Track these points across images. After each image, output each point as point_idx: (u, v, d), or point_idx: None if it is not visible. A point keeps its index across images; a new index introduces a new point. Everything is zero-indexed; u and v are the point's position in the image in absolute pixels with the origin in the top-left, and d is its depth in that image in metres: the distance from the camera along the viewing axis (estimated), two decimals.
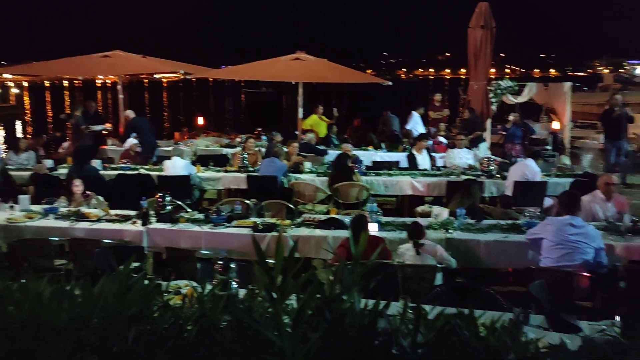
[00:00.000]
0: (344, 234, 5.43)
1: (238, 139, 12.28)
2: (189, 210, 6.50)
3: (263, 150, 9.88)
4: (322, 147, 11.01)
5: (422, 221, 5.79)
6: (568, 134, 13.20)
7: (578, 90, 26.18)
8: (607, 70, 43.14)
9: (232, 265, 3.29)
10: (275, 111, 40.19)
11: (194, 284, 3.77)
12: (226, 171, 8.91)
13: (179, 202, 6.57)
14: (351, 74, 11.38)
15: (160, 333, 1.24)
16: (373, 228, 5.49)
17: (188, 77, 14.83)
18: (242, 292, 2.89)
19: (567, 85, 12.82)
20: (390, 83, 11.67)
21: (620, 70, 38.67)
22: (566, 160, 12.02)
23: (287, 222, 5.93)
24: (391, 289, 4.42)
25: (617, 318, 3.99)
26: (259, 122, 18.05)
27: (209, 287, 1.57)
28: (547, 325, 3.35)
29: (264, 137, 12.24)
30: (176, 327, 1.30)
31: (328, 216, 6.15)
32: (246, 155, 9.01)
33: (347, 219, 5.75)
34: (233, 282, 3.29)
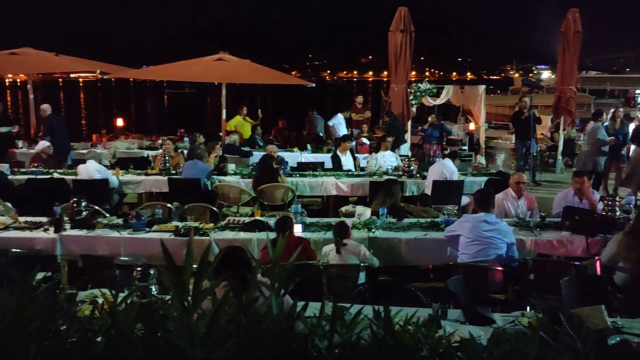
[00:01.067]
0: (270, 236, 5.40)
1: (160, 141, 11.94)
2: (107, 215, 6.24)
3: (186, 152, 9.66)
4: (246, 149, 10.92)
5: (347, 221, 5.89)
6: (483, 135, 13.83)
7: (492, 92, 27.55)
8: (518, 75, 45.58)
9: (152, 272, 3.19)
10: (198, 112, 39.42)
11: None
12: (147, 174, 8.63)
13: (96, 207, 6.29)
14: (275, 76, 11.36)
15: (65, 348, 1.17)
16: (298, 229, 5.51)
17: (106, 77, 14.21)
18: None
19: (482, 88, 13.42)
20: (313, 85, 11.77)
21: (529, 74, 40.99)
22: (482, 159, 12.62)
23: (211, 225, 5.82)
24: (315, 290, 4.45)
25: (528, 309, 4.25)
26: (182, 123, 17.64)
27: (123, 295, 1.51)
28: (464, 318, 3.49)
29: (186, 139, 11.98)
30: (84, 340, 1.23)
31: (252, 218, 6.10)
32: (168, 158, 8.77)
33: (272, 221, 5.73)
34: (153, 289, 3.19)
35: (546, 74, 29.69)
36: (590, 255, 5.35)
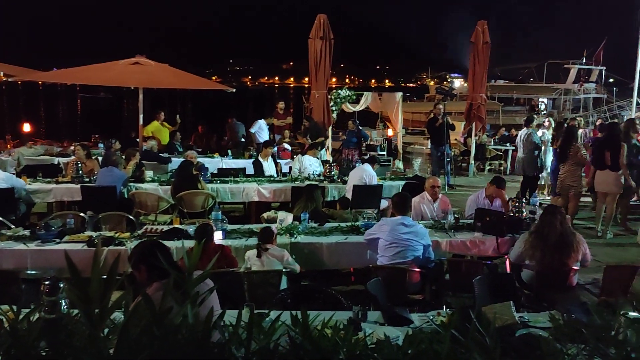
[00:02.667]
0: (189, 244, 5.28)
1: (72, 147, 11.37)
2: (12, 226, 5.85)
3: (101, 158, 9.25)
4: (164, 155, 10.63)
5: (271, 227, 5.86)
6: (400, 140, 14.27)
7: (408, 100, 28.53)
8: (433, 83, 47.45)
9: (62, 285, 3.02)
10: (114, 117, 37.90)
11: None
12: (58, 182, 8.18)
13: (0, 218, 5.89)
14: (194, 80, 11.14)
15: None
16: (218, 236, 5.42)
17: (11, 79, 13.34)
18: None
19: (398, 95, 13.86)
20: (234, 90, 11.65)
21: (444, 82, 42.80)
22: (399, 164, 13.03)
23: (127, 234, 5.61)
24: (237, 297, 4.39)
25: (444, 308, 4.41)
26: (97, 128, 16.91)
27: (27, 311, 1.42)
28: (383, 320, 3.57)
29: (101, 145, 11.49)
30: None
31: (171, 226, 5.94)
32: (81, 165, 8.35)
33: (191, 229, 5.60)
34: (64, 304, 3.02)
35: (458, 83, 31.11)
36: (501, 254, 5.65)
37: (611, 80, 37.21)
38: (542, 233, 4.77)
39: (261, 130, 12.92)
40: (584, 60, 31.22)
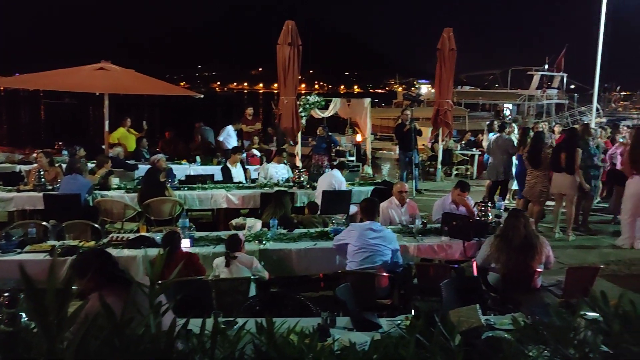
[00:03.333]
0: (155, 252, 5.20)
1: (34, 155, 11.08)
2: None
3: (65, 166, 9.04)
4: (131, 162, 10.46)
5: (239, 234, 5.82)
6: (369, 146, 14.38)
7: (377, 105, 28.80)
8: (401, 89, 47.99)
9: (22, 297, 2.94)
10: (79, 124, 37.13)
11: None
12: (19, 190, 7.96)
13: None
14: (161, 86, 11.01)
15: None
16: (186, 244, 5.36)
17: None
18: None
19: (367, 101, 13.98)
20: (201, 96, 11.56)
21: (411, 88, 43.32)
22: (368, 169, 13.12)
23: (92, 243, 5.50)
24: (205, 305, 4.34)
25: (413, 312, 4.45)
26: (61, 135, 16.53)
27: None
28: (352, 325, 3.58)
29: (65, 152, 11.24)
30: None
31: (138, 234, 5.84)
32: (43, 172, 8.15)
33: (158, 237, 5.52)
34: (24, 317, 2.93)
35: (425, 89, 31.58)
36: (467, 258, 5.73)
37: (572, 86, 38.27)
38: (507, 236, 4.86)
39: (229, 136, 12.84)
40: (547, 67, 32.05)
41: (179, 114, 32.30)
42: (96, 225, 6.38)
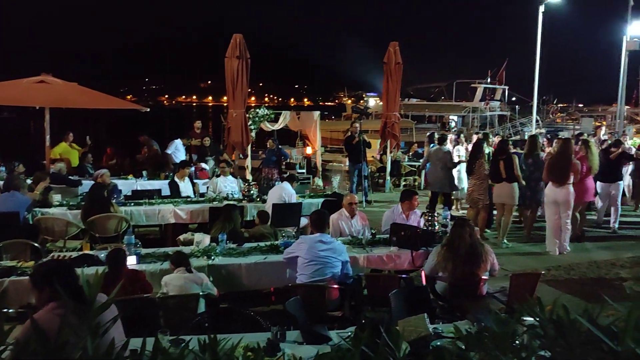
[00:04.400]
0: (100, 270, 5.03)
1: None
2: None
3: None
4: (74, 178, 10.13)
5: (185, 249, 5.73)
6: (319, 158, 14.46)
7: (327, 118, 29.04)
8: (350, 101, 48.60)
9: None
10: (18, 139, 35.63)
11: None
12: None
13: None
14: (105, 100, 10.72)
15: None
16: (132, 261, 5.22)
17: None
18: None
19: (316, 113, 14.09)
20: (148, 109, 11.34)
21: (360, 101, 43.96)
22: (319, 182, 13.16)
23: (31, 263, 5.25)
24: (152, 324, 4.23)
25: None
26: None
27: None
28: (302, 339, 3.56)
29: (2, 168, 10.77)
30: None
31: (81, 253, 5.65)
32: None
33: (102, 254, 5.35)
34: None
35: (374, 101, 32.09)
36: (416, 267, 5.83)
37: (514, 98, 39.81)
38: (453, 245, 4.97)
39: (177, 150, 12.64)
40: (489, 80, 33.19)
41: (126, 128, 31.51)
42: (36, 245, 6.11)
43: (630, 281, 7.00)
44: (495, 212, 9.12)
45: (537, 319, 1.48)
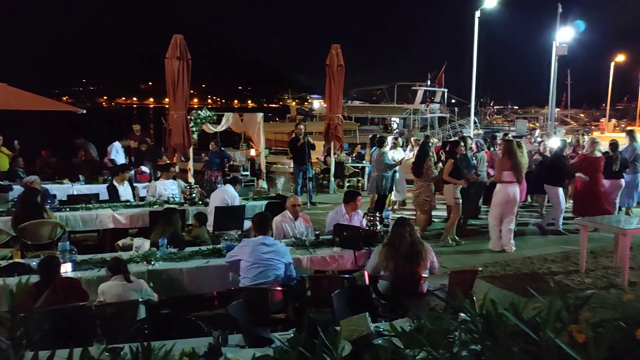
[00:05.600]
0: (33, 279, 4.81)
1: None
2: None
3: None
4: (4, 183, 9.66)
5: (124, 255, 5.56)
6: (264, 160, 14.40)
7: (271, 120, 28.94)
8: (294, 103, 48.65)
9: None
10: None
11: None
12: None
13: None
14: (38, 101, 10.30)
15: None
16: (67, 268, 5.02)
17: None
18: None
19: (259, 115, 14.02)
20: (84, 111, 10.95)
21: (305, 103, 44.11)
22: (263, 184, 13.11)
23: None
24: (89, 333, 4.08)
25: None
26: None
27: None
28: (244, 342, 3.53)
29: None
30: None
31: (11, 261, 5.38)
32: None
33: (34, 262, 5.11)
34: None
35: (318, 103, 32.26)
36: (359, 267, 5.89)
37: (453, 101, 41.00)
38: (394, 244, 5.07)
39: (117, 153, 12.30)
40: (429, 83, 34.04)
41: (62, 131, 30.30)
42: None
43: (560, 274, 7.34)
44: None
45: (468, 315, 1.53)
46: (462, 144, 9.36)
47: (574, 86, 69.62)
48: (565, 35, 21.94)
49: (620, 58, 45.18)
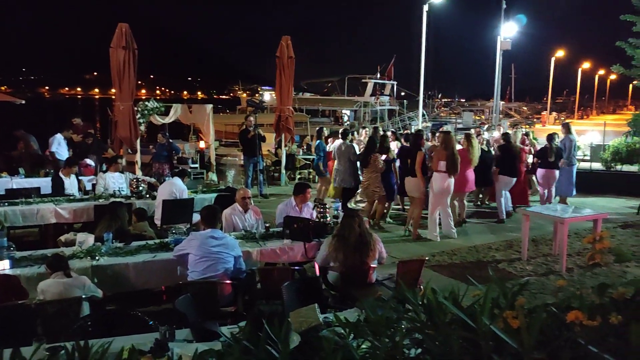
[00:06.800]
0: None
1: None
2: None
3: None
4: None
5: (67, 250, 5.39)
6: (213, 152, 14.21)
7: (221, 111, 28.57)
8: (245, 95, 48.16)
9: None
10: None
11: None
12: None
13: None
14: None
15: None
16: (4, 266, 4.82)
17: None
18: None
19: (209, 107, 13.80)
20: (23, 101, 10.49)
21: (256, 94, 43.68)
22: (213, 176, 12.95)
23: None
24: (29, 332, 3.94)
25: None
26: None
27: None
28: (192, 337, 3.49)
29: None
30: None
31: None
32: None
33: None
34: None
35: (269, 95, 32.04)
36: (309, 259, 5.92)
37: (402, 93, 41.62)
38: (343, 235, 5.11)
39: (60, 145, 11.86)
40: (379, 76, 34.38)
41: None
42: None
43: (503, 262, 7.60)
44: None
45: (410, 304, 1.56)
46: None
47: (518, 80, 71.98)
48: (509, 30, 22.60)
49: (560, 54, 46.93)
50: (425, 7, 19.93)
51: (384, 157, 9.27)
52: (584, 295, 1.54)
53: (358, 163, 9.75)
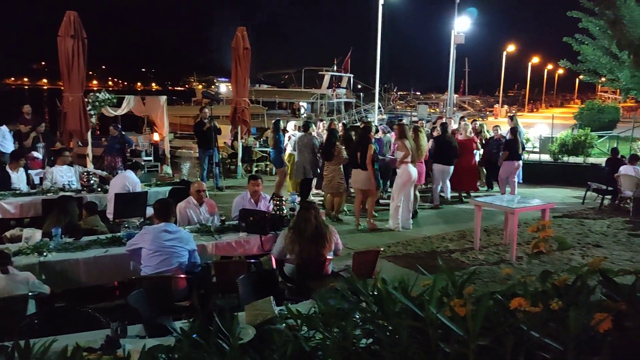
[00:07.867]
0: None
1: None
2: None
3: None
4: None
5: (12, 247, 5.20)
6: (168, 145, 13.96)
7: (176, 103, 28.02)
8: (200, 86, 47.44)
9: None
10: None
11: None
12: None
13: None
14: None
15: None
16: None
17: None
18: None
19: (163, 98, 13.53)
20: None
21: (212, 86, 43.08)
22: (168, 169, 12.73)
23: None
24: None
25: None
26: None
27: None
28: (145, 333, 3.43)
29: None
30: None
31: None
32: None
33: None
34: None
35: (225, 87, 31.64)
36: (266, 251, 5.90)
37: (359, 86, 41.83)
38: (299, 228, 5.12)
39: (5, 138, 11.41)
40: (335, 68, 34.44)
41: None
42: None
43: (456, 252, 7.78)
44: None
45: (361, 295, 1.58)
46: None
47: (472, 74, 73.45)
48: (462, 25, 23.02)
49: (512, 48, 48.19)
50: (381, 1, 20.06)
51: None
52: (528, 282, 1.59)
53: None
